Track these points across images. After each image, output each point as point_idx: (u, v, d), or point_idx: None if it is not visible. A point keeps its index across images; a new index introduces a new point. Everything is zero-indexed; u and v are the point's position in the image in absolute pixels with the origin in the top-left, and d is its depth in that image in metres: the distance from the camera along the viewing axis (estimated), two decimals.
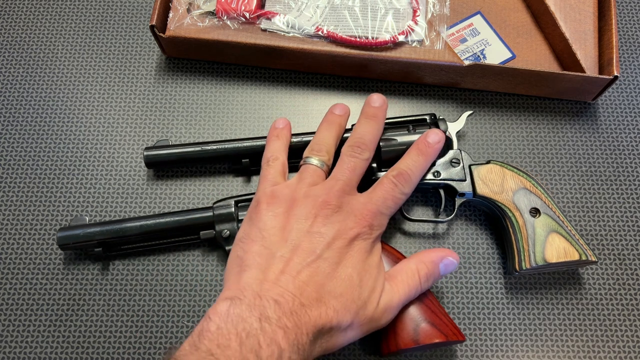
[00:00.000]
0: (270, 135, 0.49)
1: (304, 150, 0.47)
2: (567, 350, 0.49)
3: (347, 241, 0.41)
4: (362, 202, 0.43)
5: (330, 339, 0.38)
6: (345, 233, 0.41)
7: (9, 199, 0.54)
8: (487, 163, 0.50)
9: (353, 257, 0.41)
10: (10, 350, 0.48)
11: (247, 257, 0.40)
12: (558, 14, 0.56)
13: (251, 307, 0.36)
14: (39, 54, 0.60)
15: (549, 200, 0.48)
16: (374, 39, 0.54)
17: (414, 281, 0.42)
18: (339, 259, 0.40)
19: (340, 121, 0.48)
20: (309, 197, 0.42)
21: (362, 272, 0.40)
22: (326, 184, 0.43)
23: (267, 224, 0.41)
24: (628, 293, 0.51)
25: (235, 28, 0.55)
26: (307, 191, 0.43)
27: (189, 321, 0.49)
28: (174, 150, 0.52)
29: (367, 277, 0.41)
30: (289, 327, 0.35)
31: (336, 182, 0.43)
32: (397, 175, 0.44)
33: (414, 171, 0.45)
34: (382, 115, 0.48)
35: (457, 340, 0.44)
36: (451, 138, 0.51)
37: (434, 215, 0.53)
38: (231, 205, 0.49)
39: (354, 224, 0.41)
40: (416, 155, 0.46)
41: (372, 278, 0.41)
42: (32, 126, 0.57)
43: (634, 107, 0.58)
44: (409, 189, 0.45)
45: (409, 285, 0.42)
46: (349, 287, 0.39)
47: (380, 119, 0.47)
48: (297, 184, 0.44)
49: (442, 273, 0.44)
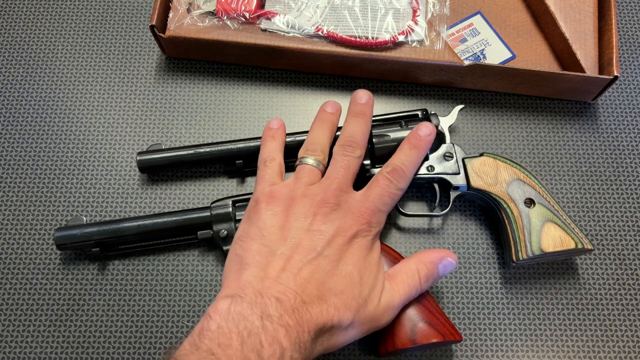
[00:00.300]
0: (265, 136, 0.49)
1: (299, 150, 0.47)
2: (567, 350, 0.49)
3: (347, 239, 0.41)
4: (359, 200, 0.43)
5: (330, 337, 0.38)
6: (344, 231, 0.41)
7: (9, 198, 0.54)
8: (480, 156, 0.51)
9: (353, 254, 0.41)
10: (10, 350, 0.48)
11: (247, 255, 0.40)
12: (558, 14, 0.56)
13: (252, 305, 0.35)
14: (39, 54, 0.60)
15: (543, 190, 0.49)
16: (374, 39, 0.54)
17: (414, 281, 0.43)
18: (339, 256, 0.40)
19: (333, 119, 0.49)
20: (307, 196, 0.42)
21: (363, 269, 0.40)
22: (323, 183, 0.43)
23: (267, 223, 0.41)
24: (628, 293, 0.51)
25: (235, 28, 0.55)
26: (305, 190, 0.43)
27: (189, 321, 0.49)
28: (167, 154, 0.52)
29: (368, 275, 0.41)
30: (291, 325, 0.35)
31: (332, 181, 0.43)
32: (392, 171, 0.44)
33: (407, 166, 0.45)
34: (370, 112, 0.48)
35: (455, 340, 0.44)
36: (443, 132, 0.51)
37: (428, 209, 0.53)
38: (229, 205, 0.49)
39: (352, 222, 0.41)
40: (409, 149, 0.46)
41: (372, 275, 0.41)
42: (32, 126, 0.57)
43: (634, 107, 0.58)
44: (405, 183, 0.45)
45: (409, 285, 0.42)
46: (350, 285, 0.39)
47: (367, 115, 0.47)
48: (294, 184, 0.44)
49: (441, 274, 0.44)
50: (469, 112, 0.57)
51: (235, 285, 0.38)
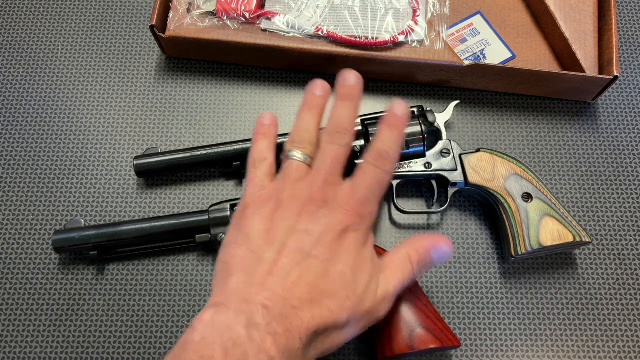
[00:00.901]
0: (257, 134, 0.46)
1: (286, 142, 0.44)
2: (567, 349, 0.49)
3: (337, 234, 0.39)
4: (347, 192, 0.41)
5: (326, 340, 0.37)
6: (334, 226, 0.39)
7: (9, 199, 0.54)
8: (477, 151, 0.51)
9: (345, 251, 0.39)
10: (10, 350, 0.48)
11: (233, 261, 0.38)
12: (558, 14, 0.56)
13: (238, 313, 0.34)
14: (39, 54, 0.60)
15: (540, 185, 0.49)
16: (374, 39, 0.54)
17: (407, 269, 0.41)
18: (330, 255, 0.38)
19: (322, 103, 0.45)
20: (294, 195, 0.40)
21: (356, 267, 0.39)
22: (309, 177, 0.41)
23: (253, 228, 0.39)
24: (628, 293, 0.51)
25: (235, 28, 0.55)
26: (292, 190, 0.41)
27: (188, 321, 0.49)
28: (163, 158, 0.52)
29: (361, 272, 0.39)
30: (279, 333, 0.33)
31: (319, 174, 0.41)
32: (376, 156, 0.42)
33: (390, 146, 0.42)
34: (358, 94, 0.44)
35: (453, 346, 0.44)
36: (440, 129, 0.51)
37: (426, 206, 0.53)
38: (227, 209, 0.48)
39: (342, 216, 0.39)
40: (388, 130, 0.43)
41: (366, 272, 0.39)
42: (32, 126, 0.57)
43: (634, 107, 0.58)
44: (391, 166, 0.42)
45: (403, 273, 0.41)
46: (343, 284, 0.37)
47: (356, 98, 0.44)
48: (282, 184, 0.42)
49: (435, 261, 0.42)
50: (469, 112, 0.57)
51: (221, 294, 0.37)
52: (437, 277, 0.51)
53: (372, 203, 0.41)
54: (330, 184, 0.41)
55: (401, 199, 0.53)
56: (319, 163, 0.42)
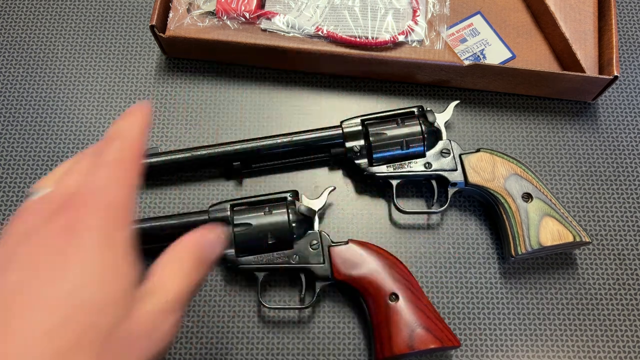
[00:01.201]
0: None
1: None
2: (567, 349, 0.49)
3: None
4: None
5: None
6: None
7: (9, 199, 0.54)
8: (477, 151, 0.51)
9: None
10: None
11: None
12: (558, 14, 0.56)
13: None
14: (39, 54, 0.60)
15: (540, 185, 0.49)
16: (374, 39, 0.54)
17: (184, 282, 0.33)
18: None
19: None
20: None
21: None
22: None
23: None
24: (628, 293, 0.51)
25: (235, 28, 0.55)
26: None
27: (188, 321, 0.49)
28: (163, 158, 0.51)
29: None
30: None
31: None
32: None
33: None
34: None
35: (453, 346, 0.44)
36: (440, 129, 0.51)
37: (426, 206, 0.53)
38: (227, 209, 0.48)
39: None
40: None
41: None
42: (32, 126, 0.57)
43: (634, 107, 0.58)
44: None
45: (180, 290, 0.33)
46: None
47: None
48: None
49: (211, 252, 0.36)
50: (469, 112, 0.57)
51: None
52: (437, 277, 0.51)
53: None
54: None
55: (401, 199, 0.53)
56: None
